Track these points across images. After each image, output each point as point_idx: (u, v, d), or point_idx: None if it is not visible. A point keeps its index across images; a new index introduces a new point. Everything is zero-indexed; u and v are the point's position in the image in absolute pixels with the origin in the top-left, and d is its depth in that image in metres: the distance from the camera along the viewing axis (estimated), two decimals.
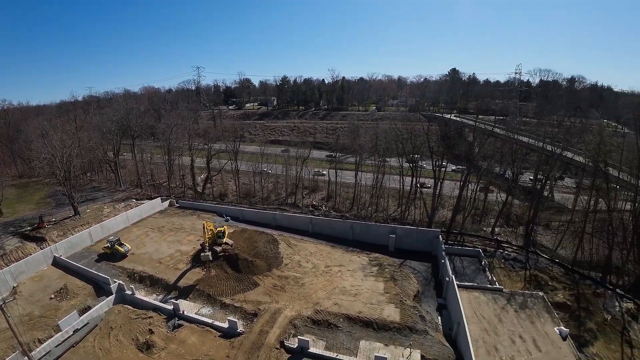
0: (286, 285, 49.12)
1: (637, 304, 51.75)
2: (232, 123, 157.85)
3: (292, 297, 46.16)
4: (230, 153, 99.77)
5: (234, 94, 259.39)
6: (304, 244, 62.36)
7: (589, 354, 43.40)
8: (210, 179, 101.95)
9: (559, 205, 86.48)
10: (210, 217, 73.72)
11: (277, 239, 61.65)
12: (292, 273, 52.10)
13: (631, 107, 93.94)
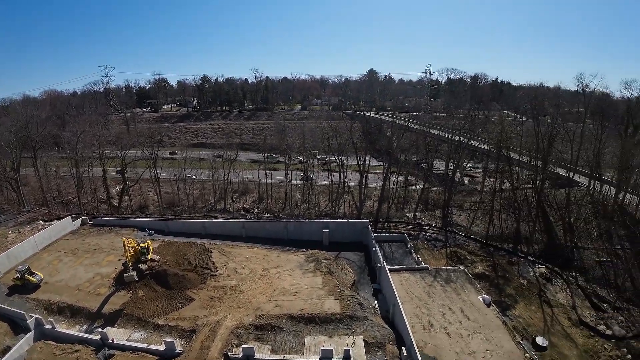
0: (223, 295, 47.24)
1: (548, 268, 60.54)
2: (149, 127, 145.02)
3: (232, 307, 44.61)
4: (148, 160, 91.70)
5: (148, 95, 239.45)
6: (239, 249, 60.56)
7: (512, 316, 49.47)
8: (127, 191, 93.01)
9: (469, 188, 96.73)
10: (130, 232, 67.44)
11: (208, 249, 58.92)
12: (228, 282, 50.25)
13: (527, 99, 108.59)
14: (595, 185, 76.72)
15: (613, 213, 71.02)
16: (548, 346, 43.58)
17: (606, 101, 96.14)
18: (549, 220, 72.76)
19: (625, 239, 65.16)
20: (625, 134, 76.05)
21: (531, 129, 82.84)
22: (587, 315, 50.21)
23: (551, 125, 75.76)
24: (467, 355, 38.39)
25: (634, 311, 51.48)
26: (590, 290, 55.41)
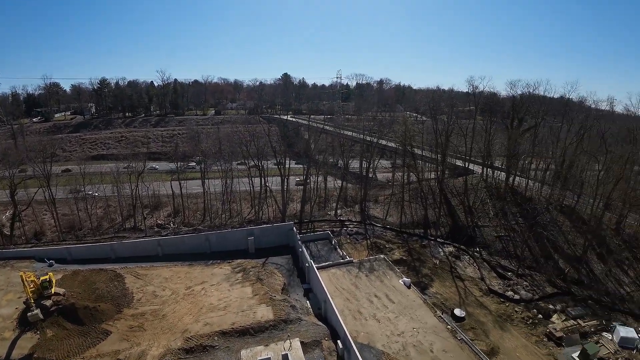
0: (145, 322, 42.96)
1: (455, 246, 68.18)
2: (40, 139, 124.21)
3: (156, 333, 40.83)
4: (40, 178, 78.29)
5: (38, 103, 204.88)
6: (156, 270, 55.49)
7: (431, 293, 54.63)
8: (18, 216, 78.41)
9: (382, 183, 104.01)
10: (28, 265, 57.04)
11: (120, 274, 52.91)
12: (148, 307, 45.83)
13: (426, 100, 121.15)
14: (487, 171, 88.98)
15: (505, 194, 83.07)
16: (466, 316, 49.21)
17: (493, 99, 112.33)
18: (451, 205, 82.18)
19: (518, 215, 76.87)
20: (511, 126, 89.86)
21: (430, 127, 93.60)
22: (495, 285, 57.94)
23: (447, 123, 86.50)
24: (397, 336, 41.22)
25: (536, 276, 60.94)
26: (494, 262, 64.03)
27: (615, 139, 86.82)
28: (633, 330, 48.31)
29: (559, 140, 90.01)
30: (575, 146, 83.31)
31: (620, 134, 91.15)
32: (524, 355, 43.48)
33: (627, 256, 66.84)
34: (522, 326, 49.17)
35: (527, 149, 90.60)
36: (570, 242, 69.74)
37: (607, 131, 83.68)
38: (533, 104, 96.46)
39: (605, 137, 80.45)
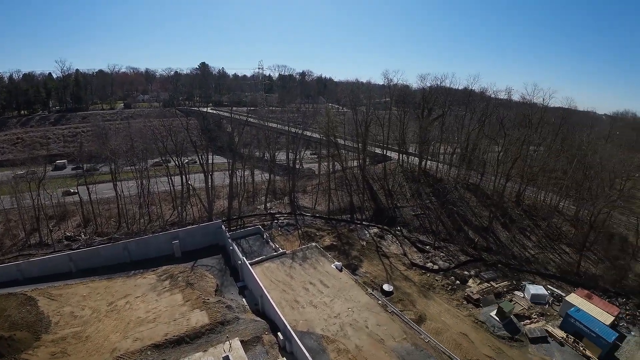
0: (67, 347, 38.25)
1: (379, 227, 72.69)
2: None
3: (82, 357, 36.77)
4: None
5: None
6: (71, 289, 49.52)
7: (361, 273, 57.69)
8: None
9: (309, 173, 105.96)
10: None
11: (32, 297, 46.16)
12: (68, 330, 40.88)
13: (346, 92, 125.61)
14: (403, 157, 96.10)
15: (419, 177, 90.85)
16: (393, 290, 53.24)
17: (406, 91, 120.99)
18: (373, 190, 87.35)
19: (432, 195, 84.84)
20: (422, 116, 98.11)
21: (351, 118, 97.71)
22: (417, 258, 63.56)
23: (366, 114, 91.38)
24: (334, 318, 43.04)
25: (451, 247, 68.06)
26: (414, 238, 69.93)
27: (513, 124, 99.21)
28: (542, 287, 56.66)
29: (464, 127, 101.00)
30: (477, 131, 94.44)
31: (517, 119, 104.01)
32: (448, 319, 48.60)
33: (528, 224, 78.24)
34: (443, 293, 54.84)
35: (436, 135, 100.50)
36: (477, 215, 79.17)
37: (505, 117, 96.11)
38: (440, 95, 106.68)
39: (504, 123, 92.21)
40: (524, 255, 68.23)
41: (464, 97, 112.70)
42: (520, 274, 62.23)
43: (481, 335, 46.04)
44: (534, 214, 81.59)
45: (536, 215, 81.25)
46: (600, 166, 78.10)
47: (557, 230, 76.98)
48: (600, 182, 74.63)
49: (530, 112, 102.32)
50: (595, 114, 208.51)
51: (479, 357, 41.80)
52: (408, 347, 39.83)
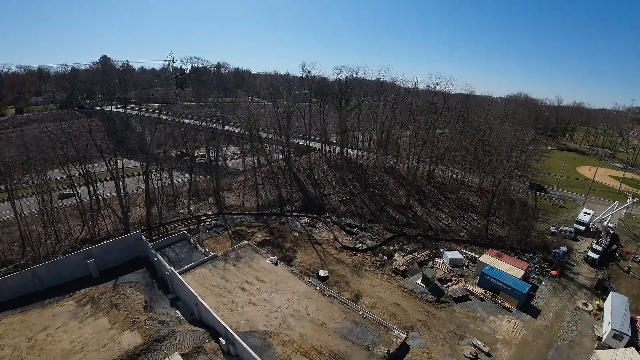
0: None
1: (309, 216, 74.22)
2: None
3: None
4: None
5: None
6: None
7: (297, 263, 58.56)
8: None
9: (233, 170, 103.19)
10: None
11: None
12: None
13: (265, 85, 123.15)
14: (325, 147, 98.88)
15: (342, 164, 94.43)
16: (329, 274, 55.09)
17: (324, 83, 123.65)
18: (300, 181, 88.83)
19: (354, 180, 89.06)
20: (340, 106, 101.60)
21: (272, 111, 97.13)
22: (346, 241, 66.41)
23: (287, 106, 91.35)
24: (275, 312, 43.26)
25: (376, 226, 72.48)
26: (342, 223, 72.93)
27: (420, 110, 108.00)
28: (458, 252, 63.62)
29: (378, 115, 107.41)
30: (390, 119, 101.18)
31: (424, 106, 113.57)
32: (381, 292, 52.11)
33: (439, 198, 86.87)
34: (373, 269, 58.40)
35: (354, 124, 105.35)
36: (396, 195, 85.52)
37: (414, 105, 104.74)
38: (356, 86, 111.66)
39: (413, 110, 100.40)
40: (439, 225, 75.77)
41: (376, 87, 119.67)
42: (438, 242, 69.09)
43: (412, 302, 50.39)
44: (444, 188, 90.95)
45: (446, 189, 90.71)
46: (498, 142, 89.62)
47: (465, 201, 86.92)
48: (498, 157, 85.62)
49: (435, 99, 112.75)
50: (491, 98, 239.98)
51: (412, 323, 45.83)
52: (349, 326, 42.02)
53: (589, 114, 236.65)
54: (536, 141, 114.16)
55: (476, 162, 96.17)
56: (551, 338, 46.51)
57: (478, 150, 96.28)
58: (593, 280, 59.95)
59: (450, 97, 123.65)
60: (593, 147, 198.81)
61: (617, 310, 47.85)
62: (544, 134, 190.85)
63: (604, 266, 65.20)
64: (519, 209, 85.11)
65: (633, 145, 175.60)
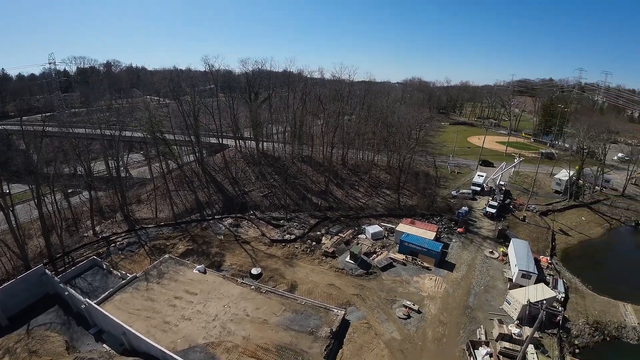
0: None
1: (233, 217, 71.83)
2: None
3: None
4: None
5: None
6: None
7: (227, 267, 56.60)
8: None
9: (139, 179, 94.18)
10: None
11: None
12: None
13: (165, 82, 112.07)
14: (240, 143, 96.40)
15: (259, 159, 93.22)
16: (262, 271, 54.61)
17: (230, 76, 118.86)
18: (217, 181, 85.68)
19: (274, 173, 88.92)
20: (250, 100, 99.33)
21: (177, 110, 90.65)
22: (275, 235, 66.42)
23: (192, 103, 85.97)
24: (213, 322, 41.64)
25: (301, 215, 73.89)
26: (267, 217, 72.63)
27: (328, 99, 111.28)
28: (377, 226, 68.77)
29: (289, 106, 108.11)
30: (301, 109, 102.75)
31: (331, 95, 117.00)
32: (315, 276, 53.84)
33: (355, 179, 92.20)
34: (305, 257, 59.71)
35: (266, 117, 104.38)
36: (315, 182, 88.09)
37: (322, 94, 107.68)
38: (264, 78, 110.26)
39: (322, 99, 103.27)
40: (357, 205, 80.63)
41: (284, 78, 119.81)
42: (359, 220, 73.52)
43: (344, 280, 53.21)
44: (357, 170, 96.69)
45: (359, 171, 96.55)
46: (399, 123, 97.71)
47: (377, 179, 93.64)
48: (401, 136, 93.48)
49: (340, 87, 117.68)
50: (390, 83, 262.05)
51: (348, 298, 48.50)
52: (289, 316, 42.71)
53: (474, 91, 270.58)
54: (431, 119, 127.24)
55: (383, 143, 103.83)
56: (468, 287, 53.61)
57: (383, 132, 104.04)
58: (494, 231, 70.48)
59: (354, 84, 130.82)
60: (480, 119, 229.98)
61: (521, 253, 56.89)
62: (437, 112, 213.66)
63: (501, 218, 77.01)
64: (423, 180, 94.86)
65: (515, 113, 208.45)
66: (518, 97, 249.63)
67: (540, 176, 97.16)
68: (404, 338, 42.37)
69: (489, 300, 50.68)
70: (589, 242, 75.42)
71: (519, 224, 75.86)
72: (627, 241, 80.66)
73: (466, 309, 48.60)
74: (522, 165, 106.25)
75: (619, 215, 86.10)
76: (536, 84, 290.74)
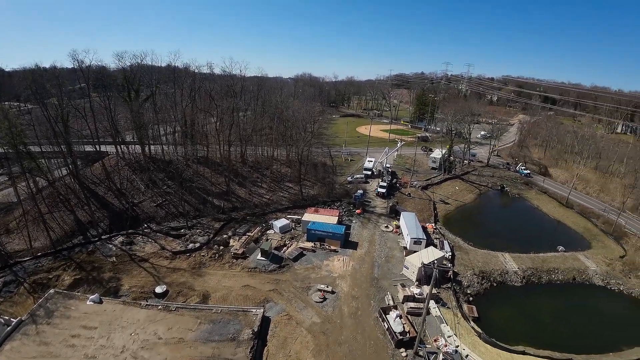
0: None
1: (124, 234, 63.48)
2: None
3: None
4: None
5: None
6: None
7: (126, 291, 50.47)
8: None
9: (3, 204, 76.71)
10: None
11: None
12: None
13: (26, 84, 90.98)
14: (122, 148, 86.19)
15: (147, 165, 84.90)
16: (167, 287, 50.56)
17: (105, 73, 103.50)
18: (99, 196, 75.14)
19: (167, 179, 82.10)
20: (130, 98, 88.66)
21: (42, 115, 75.87)
22: (176, 246, 61.57)
23: (60, 107, 73.02)
24: (122, 354, 37.45)
25: (203, 220, 70.37)
26: (165, 228, 67.12)
27: (220, 95, 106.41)
28: (284, 219, 70.20)
29: (177, 104, 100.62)
30: (191, 106, 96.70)
31: (223, 91, 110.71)
32: (227, 281, 52.58)
33: (257, 176, 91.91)
34: (213, 263, 57.44)
35: (151, 117, 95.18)
36: (215, 183, 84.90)
37: (213, 90, 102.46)
38: (145, 74, 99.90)
39: (213, 95, 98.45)
40: (262, 201, 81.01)
41: (169, 74, 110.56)
42: (266, 216, 74.04)
43: (258, 278, 53.41)
44: (258, 167, 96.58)
45: (261, 167, 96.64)
46: (294, 118, 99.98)
47: (279, 174, 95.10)
48: (297, 130, 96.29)
49: (232, 82, 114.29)
50: (282, 79, 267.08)
51: (265, 296, 48.96)
52: (207, 328, 41.18)
53: (359, 85, 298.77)
54: (323, 112, 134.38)
55: (280, 137, 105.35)
56: (372, 260, 59.66)
57: (280, 126, 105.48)
58: (387, 208, 79.91)
59: (247, 80, 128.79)
60: (365, 110, 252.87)
61: (410, 223, 65.66)
62: (328, 106, 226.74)
63: (391, 196, 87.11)
64: (322, 169, 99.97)
65: (394, 104, 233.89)
66: (396, 90, 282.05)
67: (418, 157, 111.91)
68: (324, 320, 45.01)
69: (390, 269, 57.41)
70: (464, 206, 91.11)
71: (406, 199, 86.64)
72: (495, 202, 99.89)
73: (373, 280, 54.14)
74: (404, 149, 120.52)
75: (486, 182, 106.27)
76: (410, 78, 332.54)
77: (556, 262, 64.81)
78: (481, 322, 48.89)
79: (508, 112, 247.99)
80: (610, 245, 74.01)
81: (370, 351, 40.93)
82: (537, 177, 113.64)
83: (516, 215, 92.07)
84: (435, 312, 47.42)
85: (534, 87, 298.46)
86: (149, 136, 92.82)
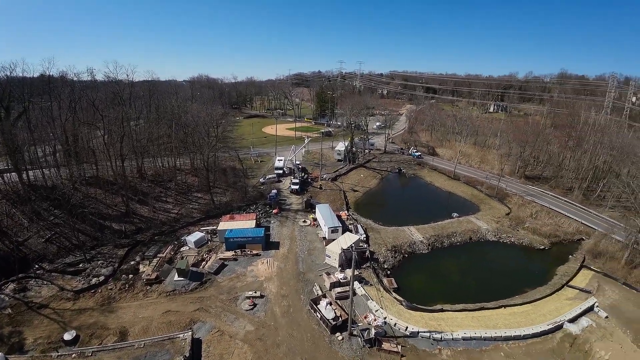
0: None
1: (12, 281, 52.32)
2: None
3: None
4: None
5: None
6: None
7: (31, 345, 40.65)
8: None
9: None
10: None
11: None
12: None
13: None
14: None
15: (26, 195, 71.19)
16: (77, 332, 42.92)
17: None
18: None
19: (53, 208, 69.92)
20: (1, 118, 74.07)
21: None
22: (77, 284, 52.83)
23: None
24: None
25: (104, 250, 62.26)
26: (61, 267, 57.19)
27: (106, 104, 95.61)
28: (198, 232, 66.34)
29: (55, 119, 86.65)
30: (72, 120, 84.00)
31: (108, 99, 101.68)
32: (145, 312, 47.42)
33: (160, 190, 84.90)
34: (124, 295, 50.92)
35: (26, 137, 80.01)
36: (111, 206, 75.99)
37: (97, 99, 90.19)
38: (15, 87, 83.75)
39: (97, 105, 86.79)
40: (170, 217, 75.32)
41: (43, 85, 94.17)
42: (176, 232, 69.24)
43: (180, 300, 49.49)
44: (160, 180, 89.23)
45: (163, 180, 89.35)
46: (195, 122, 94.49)
47: (185, 185, 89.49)
48: (199, 135, 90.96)
49: (118, 89, 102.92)
50: (176, 81, 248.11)
51: (190, 317, 45.78)
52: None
53: (260, 85, 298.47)
54: (226, 115, 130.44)
55: (181, 145, 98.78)
56: (295, 256, 60.90)
57: (179, 133, 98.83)
58: (302, 204, 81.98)
59: (136, 85, 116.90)
60: (269, 110, 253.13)
61: (325, 214, 68.78)
62: (230, 108, 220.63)
63: (305, 191, 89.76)
64: (232, 174, 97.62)
65: (296, 102, 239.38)
66: (297, 89, 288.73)
67: (325, 151, 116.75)
68: (258, 326, 44.38)
69: (314, 261, 59.57)
70: (370, 191, 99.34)
71: (318, 192, 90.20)
72: (395, 184, 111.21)
73: (299, 275, 55.42)
74: (311, 145, 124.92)
75: (386, 167, 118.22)
76: (309, 76, 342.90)
77: (453, 227, 74.91)
78: (401, 291, 53.94)
79: (397, 103, 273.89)
80: (496, 206, 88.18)
81: (309, 344, 41.88)
82: (427, 157, 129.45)
83: (414, 192, 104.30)
84: (361, 291, 50.72)
85: (417, 80, 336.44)
86: (26, 160, 77.87)
